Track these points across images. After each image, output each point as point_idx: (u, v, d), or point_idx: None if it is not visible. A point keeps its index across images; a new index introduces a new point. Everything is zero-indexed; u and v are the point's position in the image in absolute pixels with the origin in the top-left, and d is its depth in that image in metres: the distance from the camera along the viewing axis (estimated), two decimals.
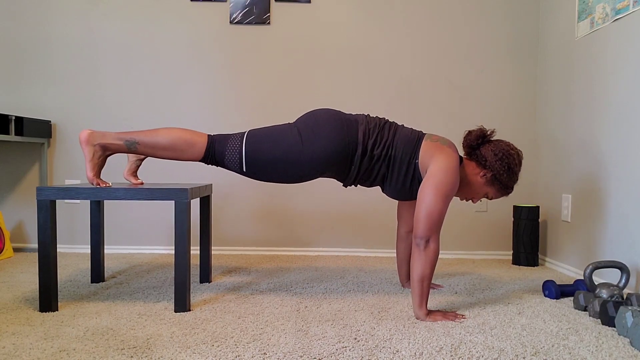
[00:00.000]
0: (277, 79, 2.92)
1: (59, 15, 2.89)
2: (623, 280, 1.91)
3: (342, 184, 1.93)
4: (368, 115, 1.88)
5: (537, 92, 2.92)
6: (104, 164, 1.77)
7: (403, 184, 1.83)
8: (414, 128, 1.90)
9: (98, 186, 1.74)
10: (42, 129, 2.79)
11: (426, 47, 2.92)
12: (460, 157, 1.89)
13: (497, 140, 1.87)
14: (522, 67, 2.92)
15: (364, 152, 1.80)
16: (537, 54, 2.92)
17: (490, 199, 1.94)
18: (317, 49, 2.91)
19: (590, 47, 2.34)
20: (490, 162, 1.82)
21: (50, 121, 2.88)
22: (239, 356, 1.35)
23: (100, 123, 2.90)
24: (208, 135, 1.80)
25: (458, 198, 1.94)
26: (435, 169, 1.73)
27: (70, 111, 2.91)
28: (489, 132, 1.88)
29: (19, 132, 2.59)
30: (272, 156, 1.75)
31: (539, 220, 2.77)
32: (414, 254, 1.69)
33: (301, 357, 1.35)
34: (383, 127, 1.83)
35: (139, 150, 1.76)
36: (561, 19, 2.63)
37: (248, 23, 2.89)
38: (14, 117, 2.56)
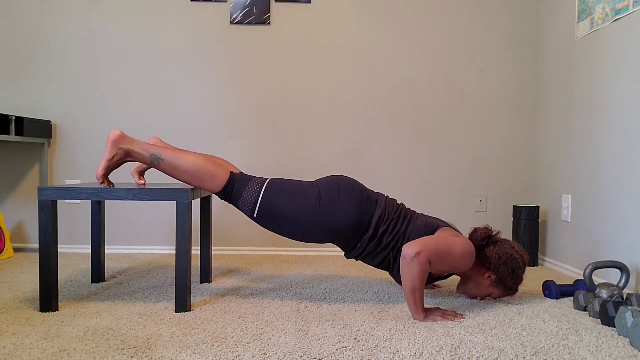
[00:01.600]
0: (277, 78, 2.92)
1: (59, 15, 2.89)
2: (623, 280, 1.91)
3: (344, 253, 1.94)
4: (388, 198, 1.87)
5: (537, 92, 2.92)
6: (118, 167, 1.78)
7: None
8: (430, 217, 1.89)
9: (102, 185, 1.75)
10: (42, 129, 2.79)
11: (426, 47, 2.92)
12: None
13: (502, 241, 1.85)
14: (522, 67, 2.92)
15: (373, 236, 1.80)
16: (537, 54, 2.92)
17: (494, 299, 1.93)
18: (317, 49, 2.92)
19: (590, 47, 2.34)
20: (495, 265, 1.80)
21: (50, 121, 2.88)
22: (239, 356, 1.35)
23: (100, 123, 2.90)
24: (231, 172, 1.80)
25: (463, 295, 1.95)
26: (453, 237, 1.73)
27: (70, 111, 2.91)
28: (494, 233, 1.87)
29: (19, 132, 2.59)
30: (287, 211, 1.75)
31: (539, 220, 2.77)
32: (401, 267, 1.67)
33: (301, 357, 1.35)
34: (399, 217, 1.82)
35: (160, 166, 1.75)
36: (561, 19, 2.63)
37: (248, 23, 2.89)
38: (14, 117, 2.56)
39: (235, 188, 1.78)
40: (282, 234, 1.83)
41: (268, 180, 1.81)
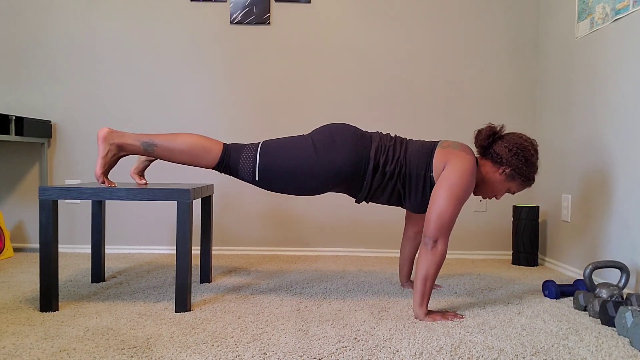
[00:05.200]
0: (277, 78, 2.92)
1: (59, 15, 2.89)
2: (623, 280, 1.91)
3: (354, 200, 1.93)
4: (381, 132, 1.88)
5: (537, 92, 2.92)
6: (115, 164, 1.78)
7: (423, 199, 1.82)
8: (426, 140, 1.90)
9: (103, 184, 1.75)
10: (42, 129, 2.79)
11: (426, 47, 2.92)
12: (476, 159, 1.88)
13: (508, 134, 1.86)
14: (522, 67, 2.92)
15: (376, 169, 1.79)
16: (537, 54, 2.92)
17: (513, 194, 1.92)
18: (317, 49, 2.92)
19: (590, 47, 2.34)
20: (507, 158, 1.81)
21: (50, 121, 2.88)
22: (239, 356, 1.35)
23: (100, 123, 2.90)
24: (224, 143, 1.81)
25: (480, 197, 1.93)
26: (450, 172, 1.73)
27: (70, 111, 2.91)
28: (498, 129, 1.87)
29: (19, 132, 2.59)
30: (286, 166, 1.75)
31: (539, 220, 2.77)
32: (420, 252, 1.69)
33: (301, 357, 1.35)
34: (395, 144, 1.82)
35: (155, 152, 1.76)
36: (561, 19, 2.63)
37: (248, 23, 2.89)
38: (14, 117, 2.56)
39: (232, 157, 1.79)
40: (287, 192, 1.82)
41: (261, 142, 1.82)
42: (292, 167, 1.75)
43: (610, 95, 2.17)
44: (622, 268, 1.91)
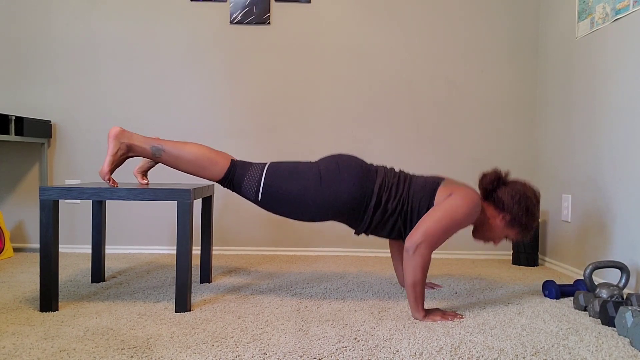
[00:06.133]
0: (277, 78, 2.92)
1: (59, 15, 2.89)
2: (623, 280, 1.91)
3: (354, 231, 1.94)
4: (386, 167, 1.89)
5: (537, 92, 2.92)
6: (121, 164, 1.79)
7: None
8: (429, 176, 1.90)
9: (107, 182, 1.75)
10: (42, 129, 2.79)
11: (426, 47, 2.92)
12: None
13: (512, 181, 1.86)
14: (522, 67, 2.92)
15: (378, 205, 1.79)
16: (537, 54, 2.92)
17: (511, 241, 1.92)
18: (317, 49, 2.92)
19: (590, 47, 2.34)
20: (508, 205, 1.80)
21: (50, 121, 2.88)
22: (239, 356, 1.35)
23: (100, 123, 2.90)
24: (232, 159, 1.82)
25: (480, 240, 1.93)
26: (454, 197, 1.73)
27: (70, 111, 2.91)
28: (504, 174, 1.87)
29: (19, 132, 2.59)
30: (289, 191, 1.76)
31: (539, 220, 2.77)
32: (404, 260, 1.68)
33: (301, 357, 1.35)
34: (399, 181, 1.83)
35: (162, 158, 1.77)
36: (561, 19, 2.63)
37: (248, 23, 2.89)
38: (14, 117, 2.56)
39: (237, 174, 1.79)
40: (287, 215, 1.83)
41: (268, 164, 1.82)
42: (295, 193, 1.76)
43: (611, 95, 2.17)
44: (622, 268, 1.91)
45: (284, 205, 1.78)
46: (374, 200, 1.78)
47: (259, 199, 1.79)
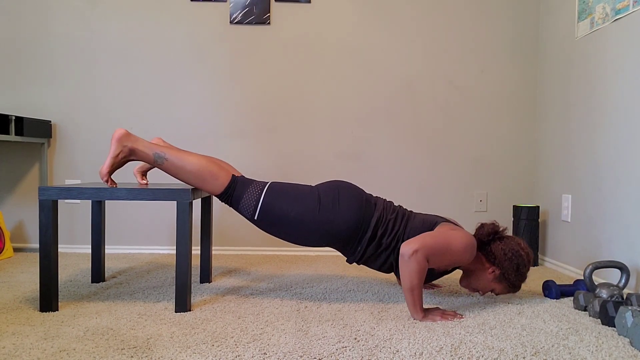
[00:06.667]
0: (277, 78, 2.92)
1: (58, 15, 2.89)
2: (623, 280, 1.91)
3: (346, 259, 1.94)
4: (385, 200, 1.89)
5: (537, 92, 2.92)
6: (122, 166, 1.79)
7: None
8: (428, 215, 1.90)
9: (106, 183, 1.75)
10: (42, 129, 2.79)
11: (426, 47, 2.92)
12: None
13: (508, 237, 1.86)
14: (522, 67, 2.92)
15: (372, 238, 1.80)
16: (537, 54, 2.92)
17: (497, 295, 1.93)
18: (317, 49, 2.92)
19: (590, 47, 2.34)
20: (500, 260, 1.81)
21: (50, 121, 2.88)
22: (239, 356, 1.35)
23: (100, 123, 2.90)
24: (233, 174, 1.82)
25: (466, 288, 1.94)
26: (453, 231, 1.74)
27: (70, 111, 2.91)
28: (501, 229, 1.88)
29: (19, 132, 2.59)
30: (287, 214, 1.76)
31: (539, 220, 2.77)
32: (400, 265, 1.68)
33: (301, 357, 1.35)
34: (396, 217, 1.83)
35: (164, 166, 1.77)
36: (561, 19, 2.63)
37: (248, 23, 2.89)
38: (14, 117, 2.56)
39: (237, 190, 1.80)
40: (282, 237, 1.84)
41: (269, 184, 1.83)
42: (292, 216, 1.76)
43: (610, 95, 2.17)
44: (622, 268, 1.91)
45: (280, 226, 1.79)
46: (369, 234, 1.79)
47: (256, 218, 1.80)
